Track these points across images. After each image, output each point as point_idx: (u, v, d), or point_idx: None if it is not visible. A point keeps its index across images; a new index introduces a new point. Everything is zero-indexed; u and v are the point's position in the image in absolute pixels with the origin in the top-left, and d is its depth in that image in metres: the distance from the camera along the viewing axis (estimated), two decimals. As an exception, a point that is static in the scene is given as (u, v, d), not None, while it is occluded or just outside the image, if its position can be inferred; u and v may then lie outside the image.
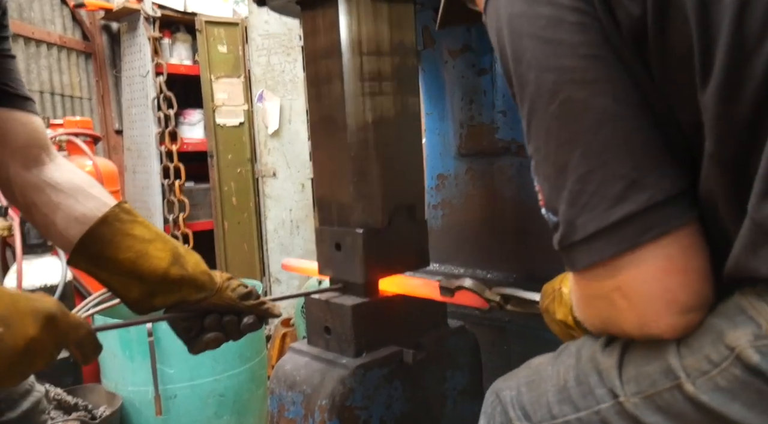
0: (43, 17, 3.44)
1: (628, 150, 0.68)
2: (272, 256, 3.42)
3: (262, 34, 3.33)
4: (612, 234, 0.68)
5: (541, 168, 0.75)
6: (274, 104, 3.36)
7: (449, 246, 1.63)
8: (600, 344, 0.78)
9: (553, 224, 0.74)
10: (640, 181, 0.67)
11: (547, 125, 0.71)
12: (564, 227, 0.72)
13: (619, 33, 0.68)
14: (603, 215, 0.68)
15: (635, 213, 0.67)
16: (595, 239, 0.69)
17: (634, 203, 0.67)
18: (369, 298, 1.26)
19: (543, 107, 0.71)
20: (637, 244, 0.67)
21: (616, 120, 0.68)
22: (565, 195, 0.71)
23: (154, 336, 2.05)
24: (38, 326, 0.86)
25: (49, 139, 1.19)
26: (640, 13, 0.66)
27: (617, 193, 0.67)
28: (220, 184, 3.67)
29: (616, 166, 0.68)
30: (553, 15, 0.70)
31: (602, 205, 0.68)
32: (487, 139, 1.50)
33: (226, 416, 2.24)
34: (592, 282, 0.73)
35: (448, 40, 1.54)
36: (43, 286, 2.40)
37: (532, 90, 0.72)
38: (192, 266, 1.08)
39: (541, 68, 0.71)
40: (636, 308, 0.69)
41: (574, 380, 0.78)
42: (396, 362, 1.24)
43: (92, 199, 1.09)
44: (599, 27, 0.69)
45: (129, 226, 1.07)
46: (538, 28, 0.71)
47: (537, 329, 1.13)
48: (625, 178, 0.67)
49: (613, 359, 0.74)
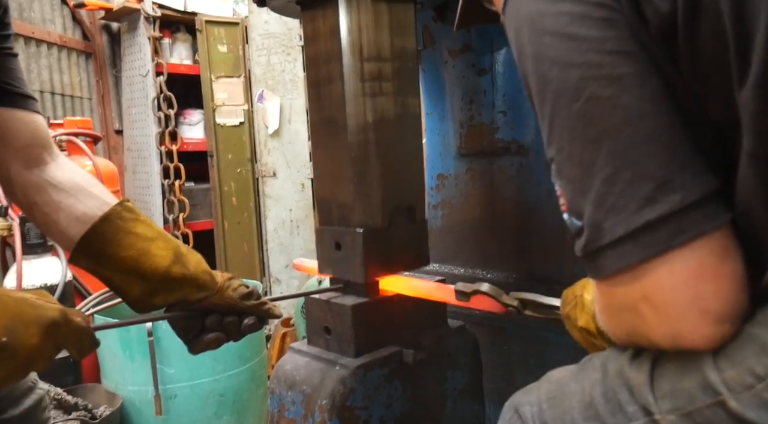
0: (44, 17, 3.45)
1: (657, 149, 0.64)
2: (272, 256, 3.43)
3: (262, 33, 3.34)
4: (641, 238, 0.64)
5: (564, 169, 0.71)
6: (274, 104, 3.36)
7: (449, 246, 1.63)
8: (627, 357, 0.73)
9: (576, 228, 0.70)
10: (671, 181, 0.63)
11: (572, 124, 0.68)
12: (589, 231, 0.68)
13: (647, 30, 0.65)
14: (631, 217, 0.64)
15: (666, 215, 0.63)
16: (623, 243, 0.65)
17: (665, 205, 0.63)
18: (369, 298, 1.26)
19: (566, 105, 0.68)
20: (668, 248, 0.63)
21: (645, 117, 0.65)
22: (591, 197, 0.67)
23: (154, 336, 2.05)
24: (41, 335, 0.86)
25: (51, 138, 1.19)
26: (669, 10, 0.63)
27: (647, 194, 0.64)
28: (220, 184, 3.67)
29: (645, 166, 0.64)
30: (578, 11, 0.67)
31: (631, 207, 0.64)
32: (487, 139, 1.50)
33: (226, 416, 2.24)
34: (617, 291, 0.69)
35: (448, 40, 1.54)
36: (43, 285, 2.40)
37: (554, 88, 0.69)
38: (193, 265, 1.08)
39: (565, 65, 0.68)
40: (666, 319, 0.65)
41: (602, 397, 0.74)
42: (396, 362, 1.24)
43: (93, 198, 1.09)
44: (626, 24, 0.66)
45: (131, 224, 1.07)
46: (561, 24, 0.68)
47: (537, 329, 1.13)
48: (655, 178, 0.64)
49: (644, 374, 0.70)
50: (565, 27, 0.68)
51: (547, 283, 1.40)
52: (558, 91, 0.69)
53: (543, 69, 0.70)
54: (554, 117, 0.70)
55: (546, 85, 0.70)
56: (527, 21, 0.72)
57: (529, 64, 0.72)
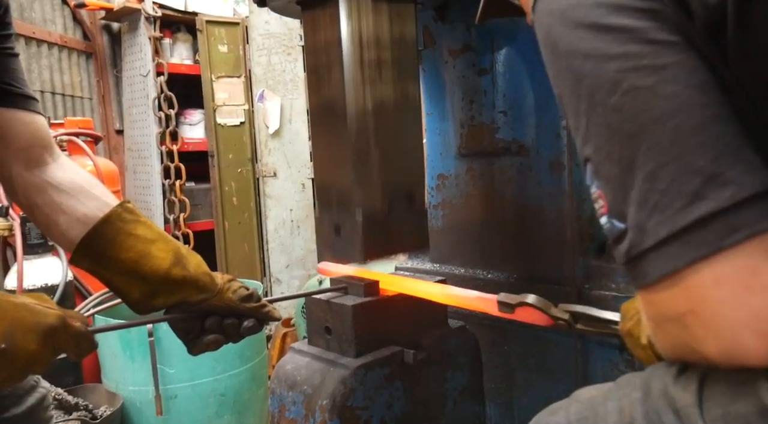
0: (44, 17, 3.45)
1: (705, 141, 0.58)
2: (273, 256, 3.43)
3: (262, 33, 3.34)
4: (687, 238, 0.58)
5: (603, 169, 0.65)
6: (274, 104, 3.36)
7: (449, 246, 1.63)
8: (672, 376, 0.66)
9: (617, 232, 0.64)
10: (721, 175, 0.57)
11: (609, 120, 0.63)
12: (633, 233, 0.62)
13: (692, 23, 0.61)
14: (677, 215, 0.58)
15: (715, 213, 0.57)
16: (667, 244, 0.59)
17: (713, 201, 0.57)
18: (369, 298, 1.27)
19: (603, 100, 0.63)
20: (717, 249, 0.57)
21: (691, 108, 0.59)
22: (634, 196, 0.61)
23: (154, 336, 2.06)
24: (40, 341, 0.87)
25: (52, 139, 1.19)
26: (717, 1, 0.59)
27: (693, 190, 0.58)
28: (220, 184, 3.67)
29: (691, 160, 0.58)
30: (616, 2, 0.63)
31: (676, 204, 0.58)
32: (487, 139, 1.50)
33: (227, 416, 2.25)
34: (662, 300, 0.62)
35: (449, 40, 1.54)
36: (43, 285, 2.40)
37: (589, 83, 0.64)
38: (194, 267, 1.09)
39: (601, 58, 0.63)
40: (716, 337, 0.58)
41: (644, 418, 0.66)
42: (397, 362, 1.25)
43: (94, 200, 1.09)
44: (669, 15, 0.61)
45: (132, 226, 1.07)
46: (598, 16, 0.63)
47: (537, 329, 1.13)
48: (702, 172, 0.58)
49: (691, 394, 0.63)
50: (602, 18, 0.63)
51: (547, 283, 1.40)
52: (593, 85, 0.64)
53: (576, 65, 0.65)
54: (590, 114, 0.65)
55: (580, 82, 0.65)
56: (559, 16, 0.67)
57: (561, 63, 0.68)
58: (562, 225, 1.38)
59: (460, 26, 1.50)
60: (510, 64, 1.46)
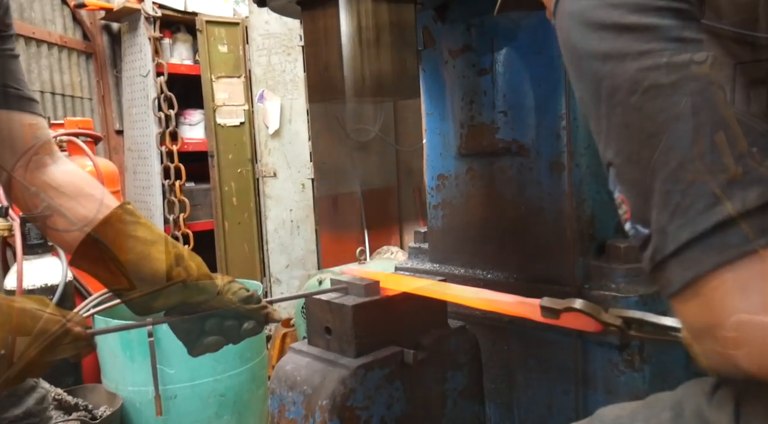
0: (44, 17, 3.45)
1: (728, 139, 0.55)
2: (273, 256, 3.43)
3: (262, 33, 3.34)
4: (709, 241, 0.54)
5: (625, 172, 0.63)
6: (274, 104, 3.36)
7: (449, 246, 1.63)
8: (705, 395, 0.63)
9: (642, 238, 0.61)
10: (747, 174, 0.54)
11: (629, 120, 0.61)
12: (656, 239, 0.59)
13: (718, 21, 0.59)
14: (698, 218, 0.55)
15: (741, 214, 0.54)
16: (689, 249, 0.55)
17: (738, 202, 0.54)
18: (369, 298, 1.26)
19: (623, 101, 0.61)
20: (742, 254, 0.53)
21: (715, 105, 0.56)
22: (656, 199, 0.58)
23: (154, 336, 2.06)
24: (39, 347, 0.88)
25: (52, 140, 1.19)
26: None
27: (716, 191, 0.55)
28: (220, 184, 3.67)
29: (714, 158, 0.55)
30: (638, 1, 0.60)
31: (697, 205, 0.55)
32: (487, 139, 1.50)
33: (227, 416, 2.25)
34: (689, 311, 0.58)
35: (449, 40, 1.54)
36: (43, 286, 2.40)
37: (608, 84, 0.62)
38: (194, 268, 1.09)
39: (621, 58, 0.61)
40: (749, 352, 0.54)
41: None
42: (397, 363, 1.25)
43: (94, 201, 1.10)
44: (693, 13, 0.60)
45: (132, 227, 1.07)
46: (619, 16, 0.61)
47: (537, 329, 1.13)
48: (725, 170, 0.55)
49: (727, 416, 0.59)
50: (622, 18, 0.61)
51: (547, 283, 1.40)
52: (613, 86, 0.62)
53: (596, 66, 0.63)
54: (610, 115, 0.63)
55: (599, 83, 0.63)
56: (579, 18, 0.65)
57: (581, 65, 0.66)
58: (562, 225, 1.38)
59: (460, 26, 1.50)
60: (510, 64, 1.46)
